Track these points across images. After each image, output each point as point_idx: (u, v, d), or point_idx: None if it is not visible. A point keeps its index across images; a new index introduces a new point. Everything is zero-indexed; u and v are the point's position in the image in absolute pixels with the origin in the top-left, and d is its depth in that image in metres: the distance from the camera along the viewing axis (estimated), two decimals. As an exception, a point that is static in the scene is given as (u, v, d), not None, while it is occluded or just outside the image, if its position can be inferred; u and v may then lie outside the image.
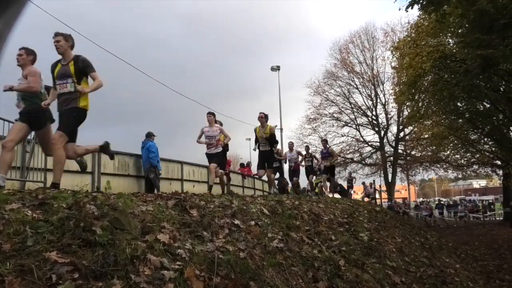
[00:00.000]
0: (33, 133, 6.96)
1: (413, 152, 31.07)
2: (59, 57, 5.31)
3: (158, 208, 3.39)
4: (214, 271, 2.64)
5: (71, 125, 5.24)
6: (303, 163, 13.91)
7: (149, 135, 9.99)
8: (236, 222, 3.83)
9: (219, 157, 8.75)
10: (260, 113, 9.15)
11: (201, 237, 3.16)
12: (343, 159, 31.67)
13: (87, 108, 5.29)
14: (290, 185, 15.09)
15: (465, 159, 26.03)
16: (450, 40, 17.85)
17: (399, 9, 17.96)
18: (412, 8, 12.33)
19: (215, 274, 2.62)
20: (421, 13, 14.72)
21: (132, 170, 9.93)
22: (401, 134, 31.78)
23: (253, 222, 4.09)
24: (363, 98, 32.08)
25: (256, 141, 9.50)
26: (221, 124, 9.31)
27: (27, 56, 5.40)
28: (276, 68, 26.17)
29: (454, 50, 16.69)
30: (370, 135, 32.81)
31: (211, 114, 8.87)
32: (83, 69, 5.16)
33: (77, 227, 2.38)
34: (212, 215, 3.75)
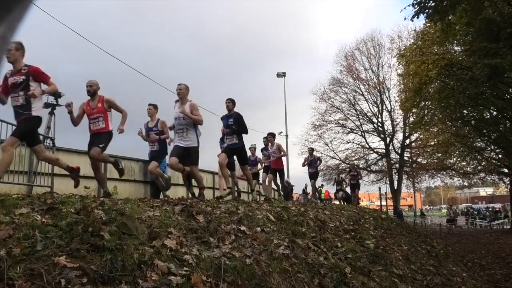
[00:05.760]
0: (40, 137, 7.02)
1: (419, 159, 30.90)
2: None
3: (165, 213, 3.41)
4: (221, 277, 2.64)
5: None
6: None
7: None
8: (242, 228, 3.84)
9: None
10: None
11: (207, 243, 3.17)
12: (348, 165, 31.56)
13: None
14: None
15: (472, 166, 25.84)
16: (456, 48, 17.84)
17: (405, 19, 18.01)
18: (418, 17, 12.37)
19: (222, 280, 2.63)
20: (427, 21, 14.74)
21: (138, 175, 9.97)
22: (407, 141, 31.65)
23: (259, 229, 4.09)
24: (368, 104, 32.04)
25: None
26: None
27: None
28: (282, 74, 26.23)
29: (460, 58, 16.68)
30: (376, 142, 32.72)
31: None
32: None
33: (85, 232, 2.40)
34: (218, 221, 3.75)
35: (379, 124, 31.92)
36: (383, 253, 5.38)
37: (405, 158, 31.88)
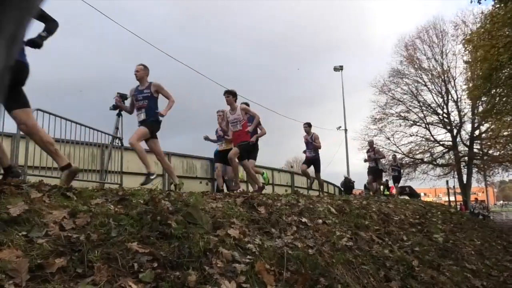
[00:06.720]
0: (110, 138, 7.48)
1: (490, 151, 28.83)
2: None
3: (228, 205, 3.49)
4: (284, 265, 2.66)
5: None
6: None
7: None
8: (304, 220, 3.83)
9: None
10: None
11: (269, 233, 3.20)
12: (412, 159, 30.28)
13: None
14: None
15: (552, 157, 23.70)
16: (532, 29, 16.43)
17: (471, 2, 16.75)
18: (486, -1, 11.55)
19: (285, 269, 2.64)
20: (496, 1, 13.69)
21: (200, 172, 10.28)
22: (476, 132, 29.67)
23: (320, 221, 4.06)
24: (432, 95, 30.40)
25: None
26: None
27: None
28: (339, 68, 25.77)
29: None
30: (442, 134, 30.95)
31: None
32: None
33: (154, 221, 2.53)
34: (280, 213, 3.78)
35: (444, 115, 30.22)
36: (454, 247, 5.11)
37: (475, 150, 29.92)
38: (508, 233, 11.35)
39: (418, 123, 31.07)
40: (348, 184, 19.12)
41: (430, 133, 30.91)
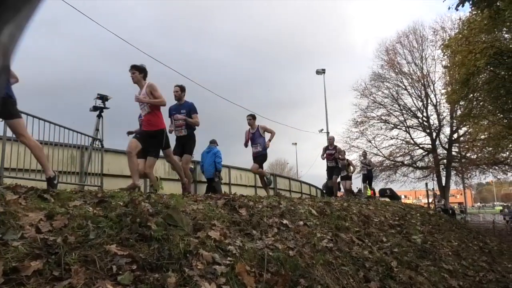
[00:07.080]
0: (90, 139, 7.39)
1: (468, 154, 29.49)
2: None
3: (209, 207, 3.48)
4: (264, 267, 2.67)
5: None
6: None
7: (213, 142, 10.16)
8: (285, 221, 3.85)
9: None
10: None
11: (250, 235, 3.21)
12: (392, 162, 30.75)
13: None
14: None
15: (527, 160, 24.39)
16: (506, 36, 16.90)
17: (449, 8, 17.13)
18: (463, 6, 11.83)
19: (265, 270, 2.65)
20: (473, 8, 14.04)
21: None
22: (455, 135, 30.32)
23: (301, 222, 4.09)
24: (412, 99, 30.97)
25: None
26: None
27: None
28: (321, 71, 26.01)
29: (511, 46, 15.79)
30: (421, 137, 31.55)
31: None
32: None
33: (133, 223, 2.51)
34: (261, 215, 3.79)
35: (424, 118, 30.80)
36: (432, 248, 5.21)
37: (453, 153, 30.57)
38: (485, 234, 11.63)
39: (398, 126, 31.59)
40: (329, 186, 19.22)
41: (410, 136, 31.47)
